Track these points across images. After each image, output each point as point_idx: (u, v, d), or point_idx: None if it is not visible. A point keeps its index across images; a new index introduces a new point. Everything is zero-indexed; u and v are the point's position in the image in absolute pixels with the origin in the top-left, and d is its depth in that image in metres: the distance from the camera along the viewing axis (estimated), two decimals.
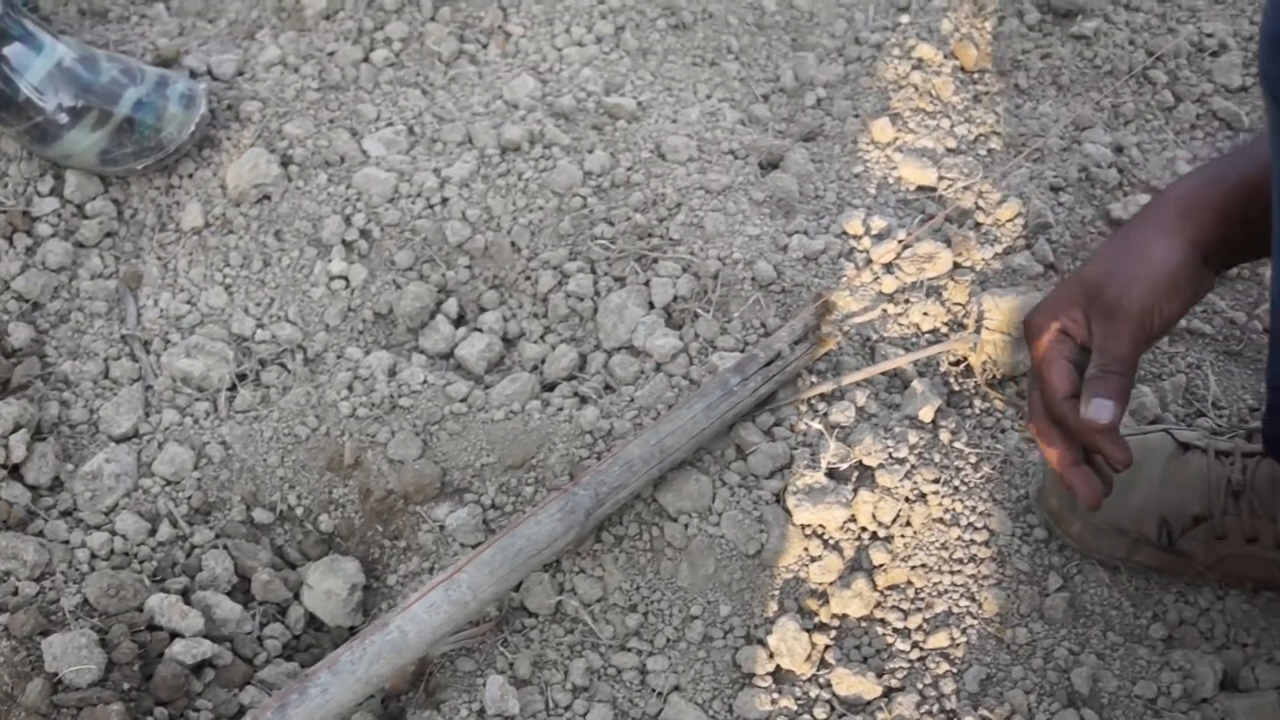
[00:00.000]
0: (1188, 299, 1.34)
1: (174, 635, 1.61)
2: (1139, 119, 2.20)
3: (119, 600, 1.61)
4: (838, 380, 1.76)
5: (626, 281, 1.88)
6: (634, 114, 2.08)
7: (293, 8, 2.27)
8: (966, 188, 1.98)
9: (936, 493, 1.70)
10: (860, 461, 1.70)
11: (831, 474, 1.68)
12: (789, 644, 1.60)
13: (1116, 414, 1.31)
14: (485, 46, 2.25)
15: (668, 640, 1.64)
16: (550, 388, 1.83)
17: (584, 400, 1.78)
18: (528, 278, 1.91)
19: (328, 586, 1.68)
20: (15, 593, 1.61)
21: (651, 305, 1.86)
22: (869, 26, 2.29)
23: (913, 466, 1.70)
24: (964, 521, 1.69)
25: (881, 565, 1.66)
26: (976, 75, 2.19)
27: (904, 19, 2.29)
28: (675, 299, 1.86)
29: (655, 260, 1.88)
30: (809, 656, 1.61)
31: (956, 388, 1.81)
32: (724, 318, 1.83)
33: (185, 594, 1.66)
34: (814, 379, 1.77)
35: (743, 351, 1.77)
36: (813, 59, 2.22)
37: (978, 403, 1.80)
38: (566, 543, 1.59)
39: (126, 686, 1.55)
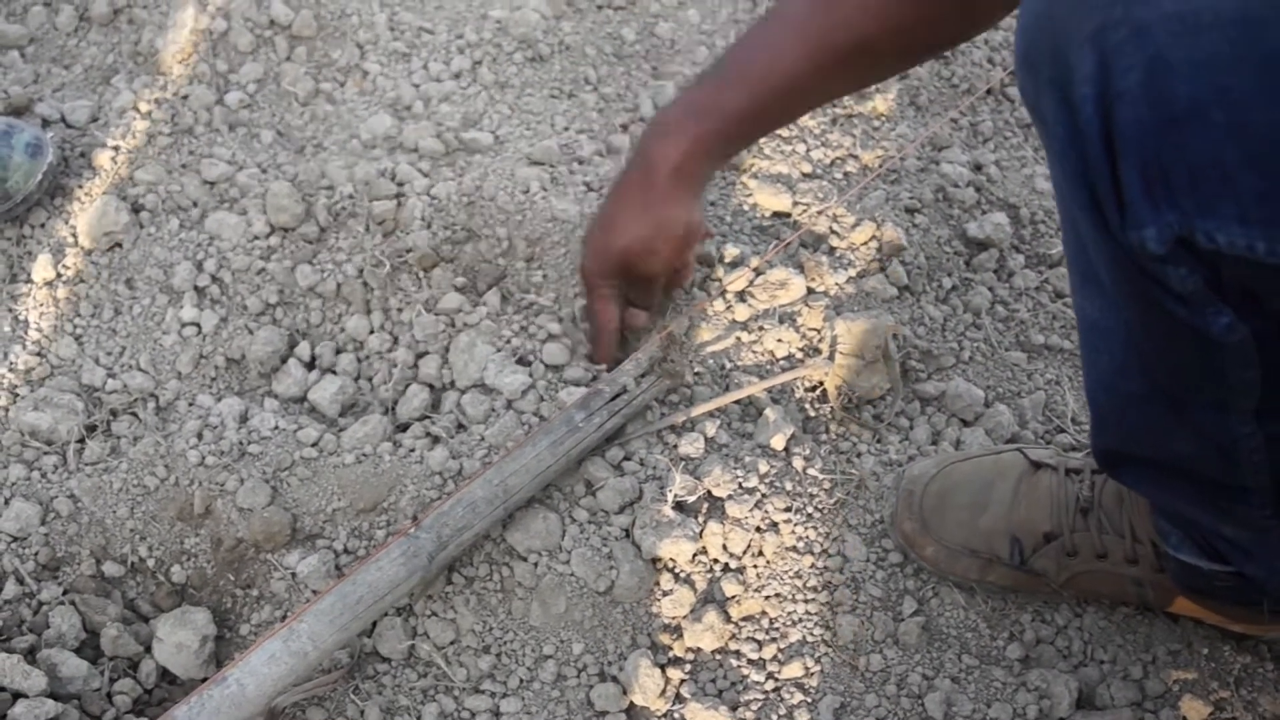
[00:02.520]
0: (698, 232, 1.74)
1: (17, 696, 1.58)
2: (997, 136, 2.21)
3: None
4: (688, 411, 1.75)
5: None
6: (490, 148, 2.07)
7: (148, 52, 2.24)
8: (821, 212, 1.97)
9: (789, 521, 1.69)
10: (709, 493, 1.69)
11: (680, 507, 1.67)
12: (642, 680, 1.59)
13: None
14: (342, 85, 2.23)
15: (521, 681, 1.62)
16: (404, 428, 1.81)
17: (435, 440, 1.76)
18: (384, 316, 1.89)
19: (178, 639, 1.65)
20: None
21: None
22: None
23: (763, 496, 1.70)
24: (817, 549, 1.68)
25: (734, 597, 1.65)
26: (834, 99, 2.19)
27: None
28: None
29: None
30: (663, 692, 1.60)
31: (812, 414, 1.80)
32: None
33: (32, 652, 1.63)
34: (664, 410, 1.76)
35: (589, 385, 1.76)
36: (672, 87, 2.21)
37: (833, 428, 1.79)
38: (411, 587, 1.57)
39: None
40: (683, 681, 1.62)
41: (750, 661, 1.63)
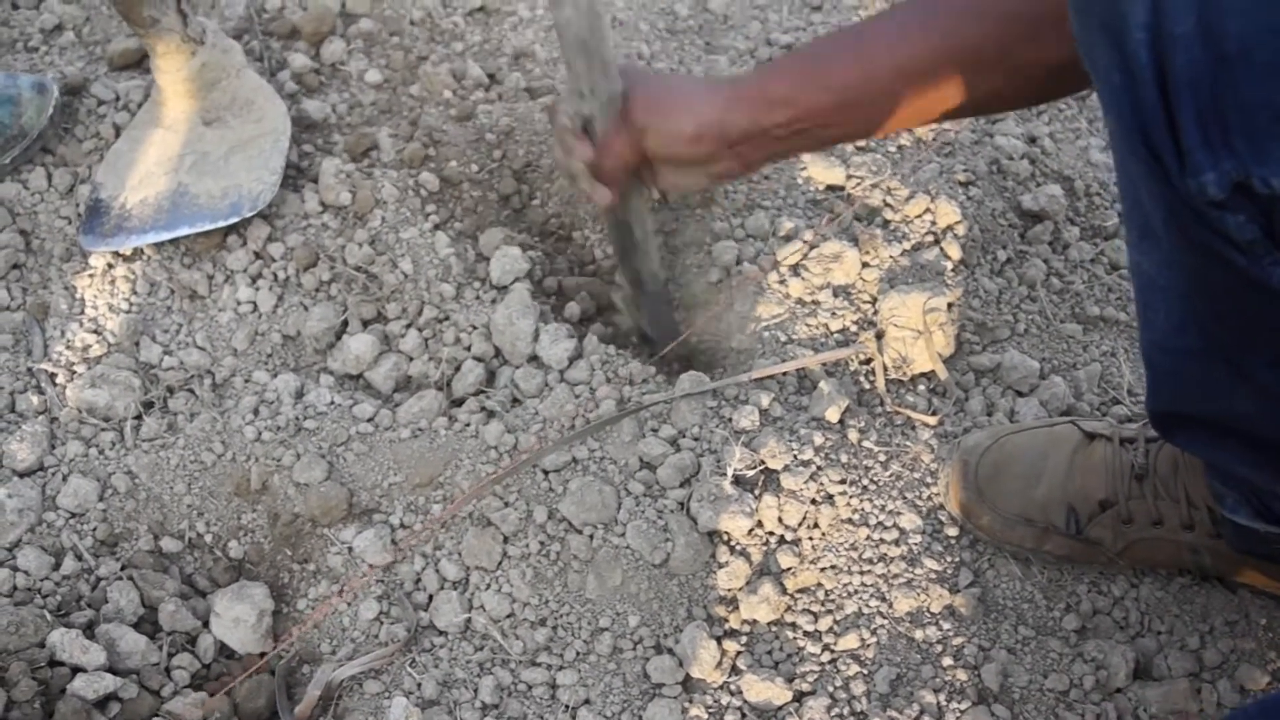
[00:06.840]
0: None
1: (76, 671, 1.59)
2: (1052, 109, 2.19)
3: (19, 637, 1.58)
4: (735, 380, 1.75)
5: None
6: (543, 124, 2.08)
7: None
8: (874, 185, 1.97)
9: (844, 493, 1.69)
10: (765, 465, 1.69)
11: (738, 481, 1.67)
12: (698, 653, 1.59)
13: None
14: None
15: (577, 654, 1.63)
16: (459, 403, 1.81)
17: (490, 415, 1.77)
18: (437, 293, 1.90)
19: (236, 613, 1.66)
20: None
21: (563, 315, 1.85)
22: (781, 27, 2.28)
23: (819, 468, 1.69)
24: (873, 521, 1.68)
25: (790, 569, 1.65)
26: None
27: (816, 18, 2.29)
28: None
29: None
30: (719, 664, 1.60)
31: (866, 386, 1.80)
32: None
33: (90, 627, 1.64)
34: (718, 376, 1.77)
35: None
36: (725, 61, 2.21)
37: (887, 401, 1.78)
38: None
39: None
40: (739, 653, 1.62)
41: (806, 633, 1.63)
